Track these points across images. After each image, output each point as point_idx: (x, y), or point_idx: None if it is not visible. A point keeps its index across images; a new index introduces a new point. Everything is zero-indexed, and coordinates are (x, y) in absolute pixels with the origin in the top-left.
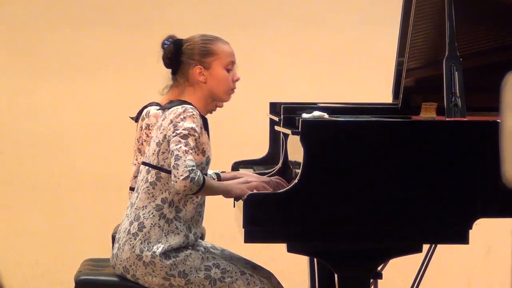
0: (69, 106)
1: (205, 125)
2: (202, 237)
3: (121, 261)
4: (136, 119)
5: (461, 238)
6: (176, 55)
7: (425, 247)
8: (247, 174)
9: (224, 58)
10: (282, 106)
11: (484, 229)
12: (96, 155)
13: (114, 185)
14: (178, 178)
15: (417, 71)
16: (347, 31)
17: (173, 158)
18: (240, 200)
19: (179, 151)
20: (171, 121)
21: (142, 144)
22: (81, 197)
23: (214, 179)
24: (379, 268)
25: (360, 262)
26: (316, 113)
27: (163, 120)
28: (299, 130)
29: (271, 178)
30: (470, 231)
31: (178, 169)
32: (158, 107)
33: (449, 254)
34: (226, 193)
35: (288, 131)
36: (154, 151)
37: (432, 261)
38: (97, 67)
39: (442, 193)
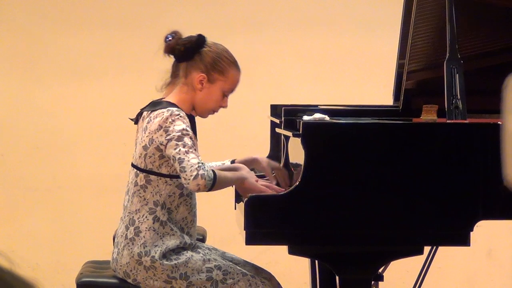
0: (70, 108)
1: (191, 124)
2: (204, 239)
3: (121, 266)
4: (136, 121)
5: (462, 240)
6: (194, 49)
7: (426, 249)
8: (257, 160)
9: (229, 84)
10: (283, 108)
11: (485, 231)
12: (97, 157)
13: (115, 187)
14: (189, 179)
15: (418, 73)
16: (347, 33)
17: (177, 162)
18: (241, 202)
19: (179, 153)
20: (160, 126)
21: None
22: (82, 199)
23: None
24: (380, 270)
25: (361, 264)
26: (317, 115)
27: (148, 123)
28: (300, 132)
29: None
30: (471, 233)
31: (185, 171)
32: None
33: (450, 256)
34: (241, 181)
35: (289, 133)
36: (141, 154)
37: (433, 263)
38: (97, 70)
39: (443, 195)
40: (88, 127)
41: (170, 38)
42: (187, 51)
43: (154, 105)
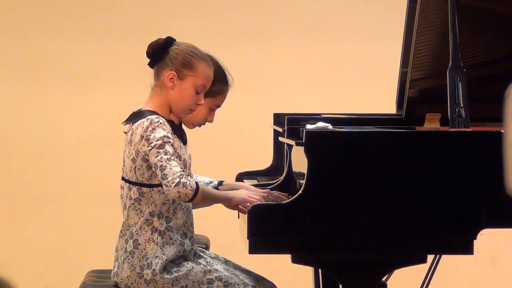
0: (73, 117)
1: (173, 129)
2: (207, 248)
3: (121, 279)
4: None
5: (466, 248)
6: (162, 50)
7: (430, 257)
8: (245, 186)
9: (199, 79)
10: (286, 117)
11: (488, 239)
12: (100, 166)
13: (118, 196)
14: (170, 187)
15: (421, 81)
16: (350, 42)
17: (159, 169)
18: (241, 215)
19: (161, 161)
20: (142, 137)
21: None
22: (85, 208)
23: (214, 185)
24: (384, 279)
25: (365, 272)
26: (320, 124)
27: (131, 135)
28: (303, 141)
29: (271, 192)
30: (474, 241)
31: (167, 178)
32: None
33: (453, 264)
34: (227, 201)
35: (292, 142)
36: (131, 167)
37: (437, 272)
38: (101, 79)
39: (446, 203)
40: (91, 136)
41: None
42: (155, 53)
43: (135, 116)
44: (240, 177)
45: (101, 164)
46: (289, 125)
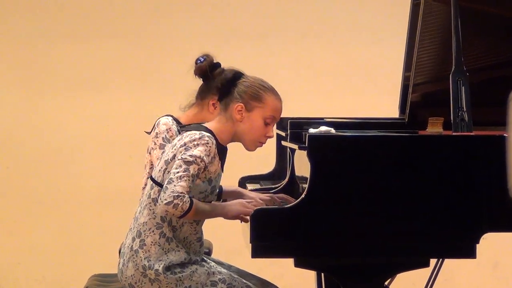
0: (75, 121)
1: (221, 155)
2: (210, 252)
3: (126, 277)
4: (150, 132)
5: (469, 252)
6: (230, 84)
7: (432, 261)
8: (244, 193)
9: (268, 110)
10: (288, 121)
11: (491, 243)
12: (102, 170)
13: (121, 200)
14: (162, 202)
15: (423, 85)
16: (353, 46)
17: (167, 180)
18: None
19: (175, 175)
20: (185, 144)
21: (150, 153)
22: (87, 212)
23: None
24: (386, 283)
25: (367, 276)
26: (323, 128)
27: (178, 140)
28: (306, 145)
29: (276, 195)
30: (477, 245)
31: (165, 193)
32: (170, 117)
33: (456, 268)
34: (223, 216)
35: (295, 146)
36: (161, 168)
37: (440, 276)
38: (103, 82)
39: (449, 207)
40: (94, 139)
41: (202, 60)
42: (225, 87)
43: (195, 127)
44: (243, 181)
45: (104, 167)
46: (292, 129)
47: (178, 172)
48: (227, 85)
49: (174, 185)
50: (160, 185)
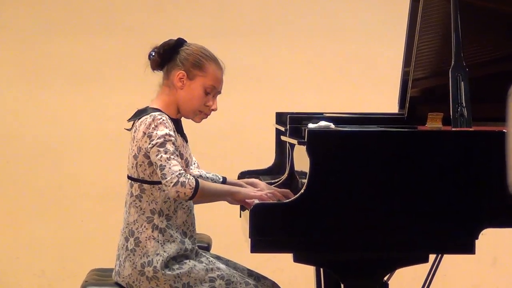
0: (76, 116)
1: (177, 128)
2: (209, 248)
3: (123, 278)
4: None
5: (468, 248)
6: (172, 51)
7: (432, 257)
8: (256, 182)
9: (209, 80)
10: (288, 116)
11: (490, 239)
12: (102, 165)
13: (121, 194)
14: (169, 186)
15: (423, 81)
16: (353, 41)
17: (158, 169)
18: (246, 210)
19: (161, 160)
20: (144, 133)
21: None
22: (87, 206)
23: (218, 180)
24: (385, 278)
25: (366, 272)
26: (322, 123)
27: (134, 132)
28: (305, 140)
29: (280, 190)
30: (476, 241)
31: (166, 178)
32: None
33: (455, 264)
34: (233, 195)
35: (294, 141)
36: (133, 164)
37: (439, 271)
38: (103, 77)
39: (448, 203)
40: (93, 134)
41: (153, 54)
42: (165, 53)
43: (139, 113)
44: (242, 176)
45: (104, 162)
46: (292, 124)
47: (161, 157)
48: (169, 51)
49: (169, 168)
50: (138, 180)
